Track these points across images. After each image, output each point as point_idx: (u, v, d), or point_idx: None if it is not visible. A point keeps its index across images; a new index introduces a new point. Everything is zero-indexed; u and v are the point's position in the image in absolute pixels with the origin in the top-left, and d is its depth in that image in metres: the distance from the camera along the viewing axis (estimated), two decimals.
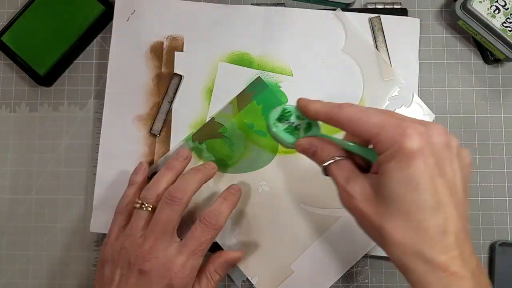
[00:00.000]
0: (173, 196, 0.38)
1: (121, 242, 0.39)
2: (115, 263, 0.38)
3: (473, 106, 0.48)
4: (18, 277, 0.46)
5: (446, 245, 0.28)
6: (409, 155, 0.29)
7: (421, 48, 0.47)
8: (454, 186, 0.30)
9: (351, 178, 0.32)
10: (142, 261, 0.37)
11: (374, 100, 0.46)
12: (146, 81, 0.47)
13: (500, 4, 0.45)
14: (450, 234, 0.28)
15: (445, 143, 0.30)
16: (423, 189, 0.28)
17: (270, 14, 0.47)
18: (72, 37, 0.47)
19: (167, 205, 0.38)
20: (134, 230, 0.39)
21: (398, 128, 0.29)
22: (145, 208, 0.39)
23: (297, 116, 0.35)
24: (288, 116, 0.36)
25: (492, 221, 0.46)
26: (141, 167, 0.44)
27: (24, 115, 0.48)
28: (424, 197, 0.28)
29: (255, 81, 0.46)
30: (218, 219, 0.39)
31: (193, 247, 0.38)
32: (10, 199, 0.47)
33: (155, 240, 0.37)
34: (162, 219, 0.38)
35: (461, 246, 0.29)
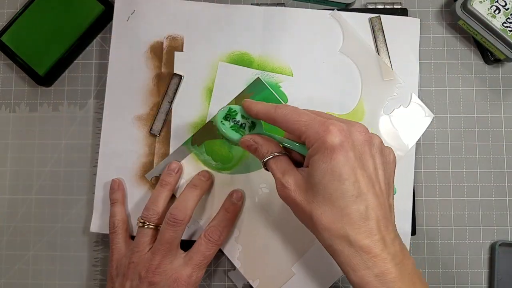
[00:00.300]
0: (175, 218, 0.41)
1: (129, 258, 0.41)
2: (125, 276, 0.41)
3: (473, 106, 0.48)
4: (18, 277, 0.46)
5: (368, 230, 0.31)
6: (331, 149, 0.32)
7: (421, 48, 0.47)
8: (375, 178, 0.33)
9: (286, 171, 0.35)
10: (152, 274, 0.40)
11: (373, 100, 0.46)
12: (146, 81, 0.47)
13: (500, 4, 0.45)
14: (371, 220, 0.31)
15: (365, 140, 0.33)
16: (344, 179, 0.31)
17: (270, 14, 0.47)
18: (72, 37, 0.47)
19: (170, 226, 0.41)
20: (140, 246, 0.42)
21: (322, 125, 0.33)
22: (147, 227, 0.42)
23: (242, 115, 0.39)
24: (234, 115, 0.39)
25: (492, 221, 0.46)
26: (115, 184, 0.45)
27: (24, 115, 0.48)
28: (346, 186, 0.31)
29: (254, 82, 0.46)
30: (221, 234, 0.42)
31: (199, 260, 0.41)
32: (10, 199, 0.47)
33: (162, 257, 0.40)
34: (167, 239, 0.41)
35: (382, 232, 0.31)
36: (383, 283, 0.31)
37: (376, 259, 0.31)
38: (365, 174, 0.32)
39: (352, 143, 0.32)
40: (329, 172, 0.32)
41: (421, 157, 0.47)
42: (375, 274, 0.31)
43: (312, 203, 0.33)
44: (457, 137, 0.47)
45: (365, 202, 0.31)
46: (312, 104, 0.46)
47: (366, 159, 0.33)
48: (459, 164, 0.47)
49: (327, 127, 0.32)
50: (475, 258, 0.46)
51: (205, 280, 0.46)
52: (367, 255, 0.31)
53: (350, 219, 0.31)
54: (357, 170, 0.32)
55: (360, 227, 0.31)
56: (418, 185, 0.47)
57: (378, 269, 0.31)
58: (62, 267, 0.47)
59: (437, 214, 0.46)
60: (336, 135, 0.32)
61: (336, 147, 0.32)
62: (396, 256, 0.31)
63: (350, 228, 0.31)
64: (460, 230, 0.46)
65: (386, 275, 0.31)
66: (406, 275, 0.31)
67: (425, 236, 0.46)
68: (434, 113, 0.47)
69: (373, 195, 0.32)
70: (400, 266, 0.31)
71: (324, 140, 0.32)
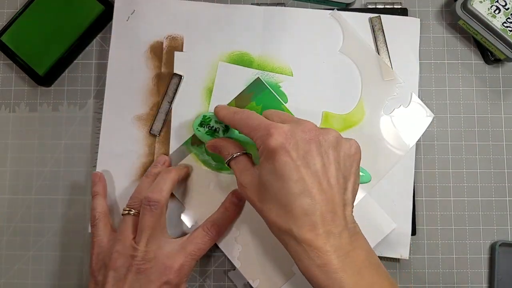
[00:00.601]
0: (149, 200, 0.40)
1: (112, 247, 0.40)
2: (108, 267, 0.39)
3: (473, 106, 0.48)
4: (18, 277, 0.46)
5: (311, 224, 0.33)
6: (273, 151, 0.34)
7: (421, 48, 0.47)
8: (323, 175, 0.34)
9: (244, 171, 0.38)
10: (142, 261, 0.39)
11: (373, 100, 0.46)
12: (145, 81, 0.47)
13: (500, 4, 0.44)
14: (314, 214, 0.33)
15: (310, 139, 0.35)
16: (287, 178, 0.34)
17: (270, 14, 0.47)
18: (72, 37, 0.47)
19: (147, 210, 0.40)
20: (124, 234, 0.41)
21: (265, 129, 0.35)
22: (132, 214, 0.41)
23: (215, 121, 0.42)
24: (208, 121, 0.43)
25: (493, 221, 0.46)
26: (96, 177, 0.45)
27: (24, 115, 0.48)
28: (289, 184, 0.34)
29: (254, 82, 0.46)
30: (220, 230, 0.42)
31: (192, 251, 0.41)
32: (10, 199, 0.47)
33: (147, 243, 0.39)
34: (147, 223, 0.40)
35: (327, 225, 0.33)
36: (326, 273, 0.33)
37: (318, 251, 0.33)
38: (309, 172, 0.34)
39: (294, 143, 0.34)
40: (273, 172, 0.34)
41: (421, 157, 0.47)
42: (317, 265, 0.33)
43: (262, 201, 0.36)
44: (457, 137, 0.47)
45: (309, 199, 0.33)
46: (312, 104, 0.46)
47: (312, 157, 0.34)
48: (459, 164, 0.47)
49: (269, 131, 0.35)
50: (475, 258, 0.46)
51: (205, 280, 0.46)
52: (310, 247, 0.33)
53: (293, 215, 0.33)
54: (300, 169, 0.34)
55: (304, 222, 0.33)
56: (418, 185, 0.47)
57: (320, 260, 0.33)
58: (62, 267, 0.46)
59: (437, 214, 0.46)
60: (277, 138, 0.34)
61: (277, 149, 0.34)
62: (340, 248, 0.33)
63: (293, 223, 0.33)
64: (460, 230, 0.46)
65: (328, 266, 0.33)
66: (352, 266, 0.33)
67: (425, 236, 0.46)
68: (434, 113, 0.47)
69: (319, 191, 0.34)
70: (344, 258, 0.33)
71: (267, 144, 0.35)
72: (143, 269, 0.39)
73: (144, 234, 0.39)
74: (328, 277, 0.33)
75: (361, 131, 0.45)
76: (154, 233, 0.40)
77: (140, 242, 0.39)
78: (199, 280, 0.46)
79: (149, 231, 0.39)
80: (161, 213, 0.40)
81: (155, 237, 0.40)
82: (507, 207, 0.47)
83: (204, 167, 0.45)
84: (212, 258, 0.46)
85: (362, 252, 0.34)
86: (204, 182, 0.45)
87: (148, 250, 0.39)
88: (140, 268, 0.39)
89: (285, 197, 0.34)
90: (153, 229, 0.40)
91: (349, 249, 0.34)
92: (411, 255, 0.45)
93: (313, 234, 0.33)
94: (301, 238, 0.33)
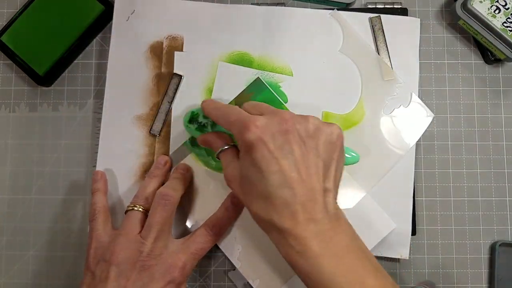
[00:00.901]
0: (165, 194, 0.40)
1: (114, 241, 0.39)
2: (108, 262, 0.38)
3: (473, 106, 0.48)
4: (18, 277, 0.46)
5: (290, 213, 0.34)
6: (249, 146, 0.35)
7: (421, 48, 0.47)
8: (302, 163, 0.35)
9: (229, 163, 0.38)
10: (147, 258, 0.38)
11: (373, 100, 0.46)
12: (145, 81, 0.47)
13: (500, 4, 0.44)
14: (294, 204, 0.34)
15: (287, 129, 0.35)
16: (264, 170, 0.34)
17: (270, 14, 0.47)
18: (72, 37, 0.47)
19: (160, 205, 0.40)
20: (129, 229, 0.40)
21: (242, 123, 0.35)
22: (137, 209, 0.41)
23: (203, 116, 0.43)
24: (196, 117, 0.44)
25: (493, 221, 0.46)
26: (97, 175, 0.45)
27: (24, 115, 0.48)
28: (268, 177, 0.34)
29: (254, 82, 0.46)
30: (221, 230, 0.43)
31: (195, 250, 0.41)
32: (10, 199, 0.47)
33: (155, 240, 0.39)
34: (158, 220, 0.39)
35: (308, 213, 0.34)
36: (306, 259, 0.33)
37: (298, 238, 0.33)
38: (287, 162, 0.34)
39: (271, 135, 0.35)
40: (252, 165, 0.35)
41: (421, 157, 0.47)
42: (297, 251, 0.34)
43: (244, 193, 0.36)
44: (457, 137, 0.47)
45: (289, 189, 0.34)
46: (312, 104, 0.46)
47: (289, 147, 0.35)
48: (459, 164, 0.47)
49: (246, 125, 0.35)
50: (475, 258, 0.46)
51: (205, 280, 0.46)
52: (290, 235, 0.34)
53: (274, 206, 0.34)
54: (279, 160, 0.34)
55: (283, 212, 0.34)
56: (418, 185, 0.47)
57: (300, 247, 0.33)
58: (62, 267, 0.46)
59: (437, 214, 0.46)
60: (253, 131, 0.35)
61: (253, 143, 0.34)
62: (320, 234, 0.34)
63: (274, 214, 0.34)
64: (460, 230, 0.46)
65: (308, 252, 0.33)
66: (332, 251, 0.34)
67: (425, 236, 0.46)
68: (434, 113, 0.47)
69: (298, 181, 0.34)
70: (325, 244, 0.33)
71: (244, 138, 0.35)
72: (147, 266, 0.38)
73: (153, 230, 0.39)
74: (308, 263, 0.33)
75: (361, 131, 0.45)
76: (163, 230, 0.39)
77: (148, 237, 0.39)
78: (199, 280, 0.46)
79: (159, 227, 0.39)
80: (172, 211, 0.40)
81: (163, 235, 0.39)
82: (507, 207, 0.47)
83: (204, 167, 0.45)
84: (212, 258, 0.46)
85: (345, 237, 0.35)
86: (204, 182, 0.45)
87: (155, 246, 0.39)
88: (145, 265, 0.38)
89: (265, 189, 0.34)
90: (163, 225, 0.39)
91: (331, 234, 0.34)
92: (411, 255, 0.45)
93: (293, 222, 0.34)
94: (281, 227, 0.34)
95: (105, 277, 0.38)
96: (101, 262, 0.39)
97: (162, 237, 0.39)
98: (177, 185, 0.42)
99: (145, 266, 0.38)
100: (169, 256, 0.39)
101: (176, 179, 0.43)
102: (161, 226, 0.39)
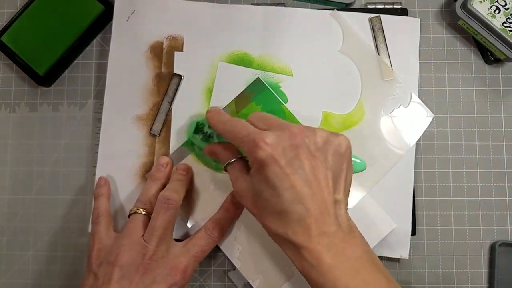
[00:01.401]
0: (167, 198, 0.40)
1: (118, 244, 0.40)
2: (112, 263, 0.39)
3: (473, 106, 0.48)
4: (18, 277, 0.46)
5: (304, 228, 0.34)
6: (261, 163, 0.35)
7: (421, 48, 0.47)
8: (313, 178, 0.35)
9: (239, 177, 0.38)
10: (149, 260, 0.39)
11: (373, 100, 0.46)
12: (145, 81, 0.47)
13: (500, 4, 0.45)
14: (307, 218, 0.34)
15: (296, 144, 0.35)
16: (277, 187, 0.34)
17: (270, 14, 0.47)
18: (72, 37, 0.47)
19: (162, 210, 0.40)
20: (132, 232, 0.40)
21: (252, 141, 0.35)
22: (140, 212, 0.41)
23: (208, 126, 0.43)
24: (202, 128, 0.44)
25: (492, 221, 0.46)
26: (101, 180, 0.45)
27: (24, 115, 0.48)
28: (280, 193, 0.34)
29: (254, 82, 0.46)
30: (222, 231, 0.42)
31: (196, 253, 0.41)
32: (10, 199, 0.47)
33: (158, 243, 0.39)
34: (160, 224, 0.40)
35: (321, 227, 0.34)
36: (320, 272, 0.34)
37: (312, 251, 0.34)
38: (298, 178, 0.34)
39: (282, 150, 0.35)
40: (264, 183, 0.35)
41: (421, 157, 0.47)
42: (311, 265, 0.34)
43: (257, 207, 0.37)
44: (457, 137, 0.47)
45: (301, 205, 0.34)
46: (312, 104, 0.46)
47: (300, 162, 0.35)
48: (459, 164, 0.47)
49: (256, 143, 0.35)
50: (475, 258, 0.46)
51: (205, 280, 0.46)
52: (304, 249, 0.34)
53: (287, 222, 0.34)
54: (289, 176, 0.34)
55: (297, 227, 0.34)
56: (418, 185, 0.47)
57: (313, 260, 0.34)
58: (62, 267, 0.46)
59: (437, 214, 0.46)
60: (263, 149, 0.35)
61: (265, 161, 0.35)
62: (333, 246, 0.34)
63: (288, 229, 0.34)
64: (460, 230, 0.46)
65: (322, 265, 0.34)
66: (346, 263, 0.34)
67: (425, 236, 0.46)
68: (434, 113, 0.47)
69: (310, 195, 0.34)
70: (338, 256, 0.34)
71: (255, 156, 0.35)
72: (150, 269, 0.39)
73: (156, 233, 0.39)
74: (322, 276, 0.34)
75: (361, 131, 0.45)
76: (166, 234, 0.40)
77: (151, 241, 0.39)
78: (199, 280, 0.46)
79: (161, 231, 0.39)
80: (174, 215, 0.41)
81: (165, 238, 0.40)
82: (507, 207, 0.47)
83: (205, 167, 0.45)
84: (212, 258, 0.46)
85: (358, 249, 0.35)
86: (205, 182, 0.45)
87: (158, 250, 0.39)
88: (148, 268, 0.39)
89: (278, 205, 0.35)
90: (166, 229, 0.40)
91: (344, 246, 0.34)
92: (411, 255, 0.45)
93: (307, 236, 0.34)
94: (296, 242, 0.34)
95: (108, 279, 0.38)
96: (104, 264, 0.39)
97: (165, 240, 0.40)
98: (179, 188, 0.42)
99: (148, 269, 0.39)
100: (171, 260, 0.40)
101: (178, 181, 0.43)
102: (163, 230, 0.40)
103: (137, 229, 0.40)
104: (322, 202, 0.35)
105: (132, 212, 0.42)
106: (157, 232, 0.39)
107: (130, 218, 0.41)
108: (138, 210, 0.41)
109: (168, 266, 0.39)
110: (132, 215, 0.42)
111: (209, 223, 0.42)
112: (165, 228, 0.40)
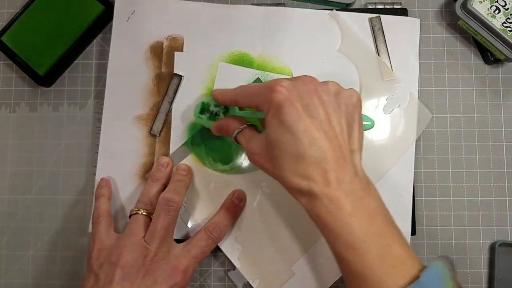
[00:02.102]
0: (169, 199, 0.40)
1: (120, 244, 0.40)
2: (113, 264, 0.39)
3: (473, 106, 0.48)
4: (18, 277, 0.46)
5: (322, 172, 0.33)
6: (278, 105, 0.35)
7: (421, 48, 0.47)
8: (328, 123, 0.34)
9: (250, 139, 0.39)
10: (151, 262, 0.39)
11: (373, 100, 0.46)
12: (146, 81, 0.47)
13: (500, 4, 0.45)
14: (325, 163, 0.33)
15: (311, 89, 0.35)
16: (295, 129, 0.34)
17: (270, 14, 0.47)
18: (72, 37, 0.47)
19: (163, 211, 0.40)
20: (134, 232, 0.40)
21: (268, 88, 0.36)
22: (142, 213, 0.41)
23: (214, 105, 0.43)
24: (207, 107, 0.44)
25: (492, 221, 0.46)
26: (103, 181, 0.45)
27: (24, 115, 0.48)
28: (297, 135, 0.34)
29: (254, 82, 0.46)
30: (222, 232, 0.42)
31: (196, 254, 0.41)
32: (10, 199, 0.47)
33: (159, 244, 0.39)
34: (161, 225, 0.40)
35: (338, 172, 0.34)
36: (337, 219, 0.33)
37: (330, 197, 0.33)
38: (315, 121, 0.34)
39: (297, 94, 0.35)
40: (280, 126, 0.34)
41: (421, 157, 0.47)
42: (329, 211, 0.33)
43: (272, 160, 0.36)
44: (457, 137, 0.47)
45: (318, 147, 0.34)
46: None
47: (315, 107, 0.35)
48: (459, 164, 0.47)
49: (273, 88, 0.35)
50: (475, 258, 0.46)
51: (205, 280, 0.46)
52: (322, 194, 0.33)
53: (305, 166, 0.34)
54: (306, 119, 0.34)
55: (315, 171, 0.33)
56: (418, 185, 0.47)
57: (332, 206, 0.33)
58: (62, 267, 0.46)
59: (437, 214, 0.46)
60: (281, 91, 0.35)
61: (282, 102, 0.34)
62: (352, 193, 0.34)
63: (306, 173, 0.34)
64: (460, 230, 0.46)
65: (340, 211, 0.33)
66: (364, 212, 0.34)
67: (425, 236, 0.46)
68: (434, 113, 0.47)
69: (326, 139, 0.34)
70: (356, 204, 0.33)
71: (271, 100, 0.35)
72: (151, 271, 0.39)
73: (157, 235, 0.39)
74: (339, 223, 0.33)
75: None
76: (167, 235, 0.40)
77: (152, 242, 0.39)
78: (199, 280, 0.46)
79: (162, 233, 0.39)
80: (175, 216, 0.41)
81: (166, 240, 0.40)
82: (507, 207, 0.47)
83: (205, 167, 0.45)
84: (212, 258, 0.46)
85: (374, 201, 0.35)
86: (204, 182, 0.45)
87: (159, 251, 0.39)
88: (149, 269, 0.39)
89: (295, 148, 0.34)
90: (167, 231, 0.40)
91: (361, 195, 0.34)
92: None
93: (325, 181, 0.33)
94: (313, 187, 0.33)
95: (110, 280, 0.38)
96: (105, 265, 0.39)
97: (166, 242, 0.40)
98: (180, 189, 0.42)
99: (149, 271, 0.39)
100: (172, 261, 0.40)
101: (179, 182, 0.43)
102: (164, 232, 0.40)
103: (138, 230, 0.40)
104: (338, 147, 0.34)
105: (133, 213, 0.42)
106: (158, 233, 0.39)
107: (131, 219, 0.42)
108: (139, 211, 0.41)
109: (169, 267, 0.39)
110: (133, 216, 0.42)
111: (209, 224, 0.42)
112: (166, 230, 0.40)
